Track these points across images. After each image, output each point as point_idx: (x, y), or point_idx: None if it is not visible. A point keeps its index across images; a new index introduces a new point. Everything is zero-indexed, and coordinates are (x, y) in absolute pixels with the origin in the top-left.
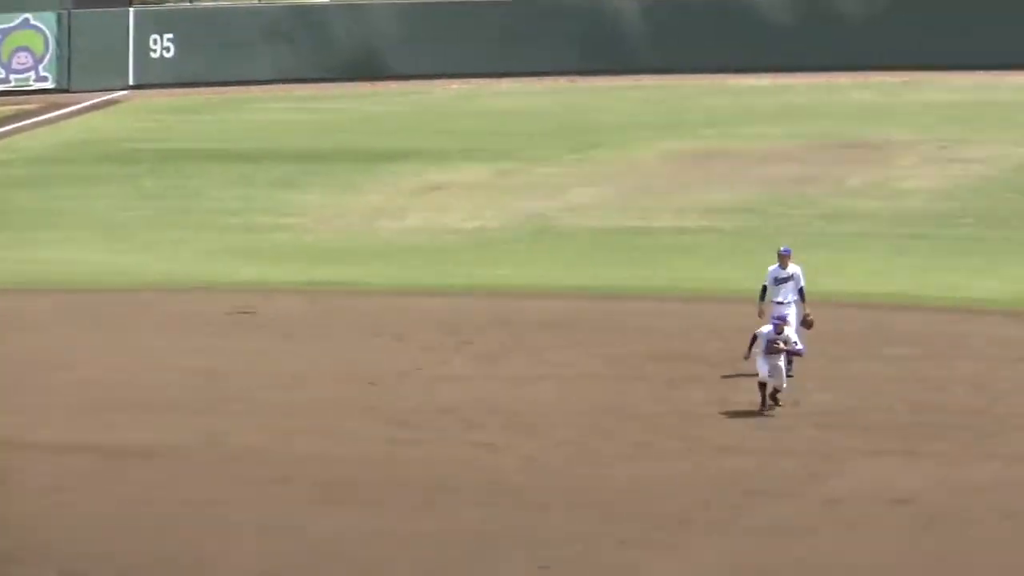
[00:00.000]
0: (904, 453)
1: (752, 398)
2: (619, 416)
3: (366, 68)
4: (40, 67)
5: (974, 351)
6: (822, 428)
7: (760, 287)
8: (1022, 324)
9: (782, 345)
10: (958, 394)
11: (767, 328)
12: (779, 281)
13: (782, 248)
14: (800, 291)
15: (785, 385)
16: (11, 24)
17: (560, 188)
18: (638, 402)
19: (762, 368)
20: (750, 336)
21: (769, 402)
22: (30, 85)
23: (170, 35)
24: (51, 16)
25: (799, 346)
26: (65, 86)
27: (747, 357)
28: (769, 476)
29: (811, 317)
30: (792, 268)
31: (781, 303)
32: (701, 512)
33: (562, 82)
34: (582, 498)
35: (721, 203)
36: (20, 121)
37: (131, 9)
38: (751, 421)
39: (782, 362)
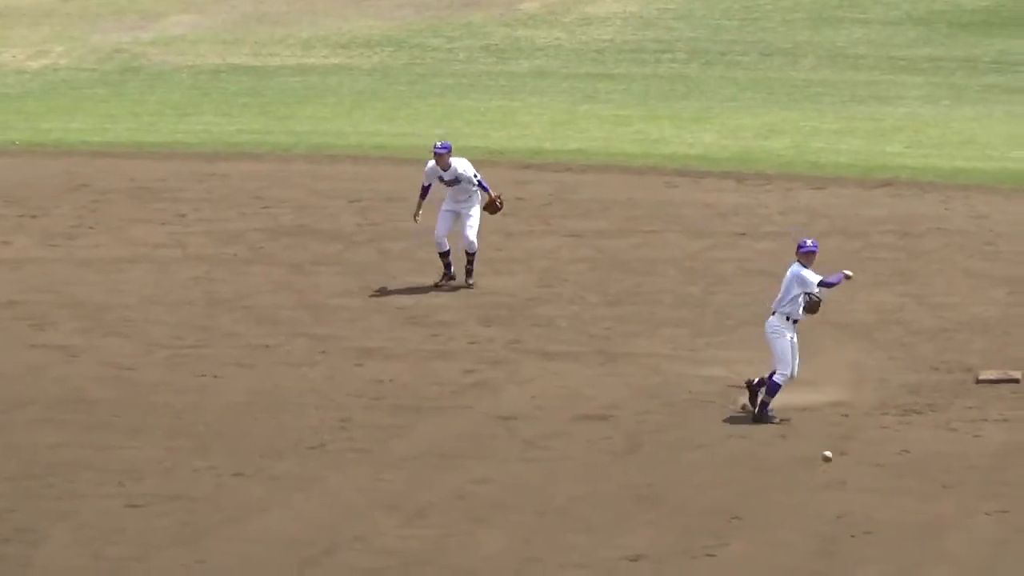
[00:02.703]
0: (595, 355)
1: (410, 279)
2: (234, 312)
3: None
4: None
5: (686, 223)
6: (492, 324)
7: (421, 187)
8: (746, 188)
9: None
10: (667, 279)
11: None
12: (448, 183)
13: (437, 145)
14: (480, 185)
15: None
16: None
17: (151, 15)
18: (257, 292)
19: (441, 228)
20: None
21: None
22: None
23: None
24: None
25: (475, 246)
26: None
27: (417, 216)
28: (425, 385)
29: (498, 198)
30: (456, 165)
31: (454, 211)
32: (336, 435)
33: None
34: (179, 421)
35: (359, 34)
36: None
37: None
38: (401, 315)
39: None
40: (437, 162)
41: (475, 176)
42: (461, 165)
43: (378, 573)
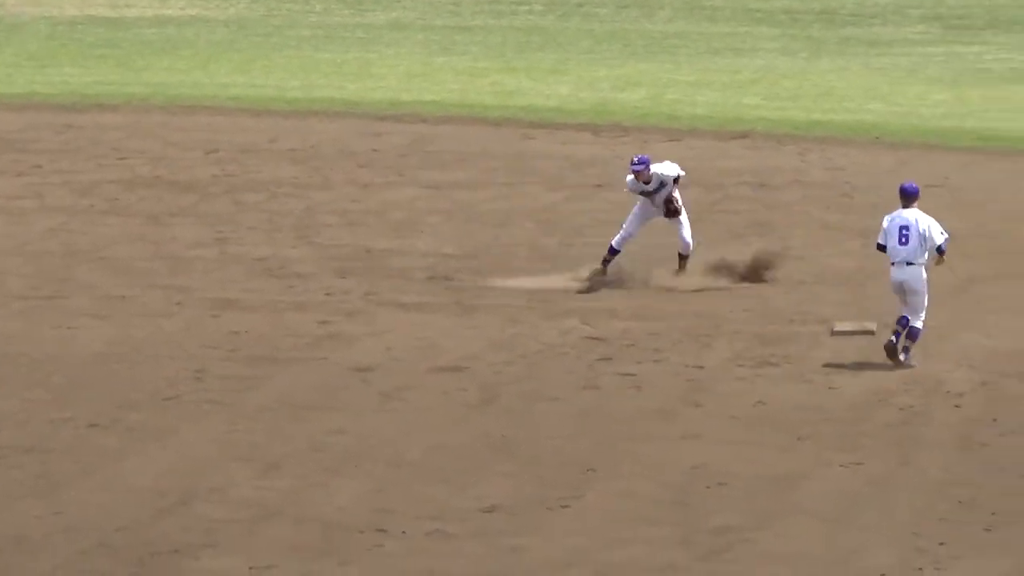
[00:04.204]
0: (451, 307)
1: (266, 231)
2: (91, 263)
3: None
4: None
5: (542, 175)
6: (348, 275)
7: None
8: (602, 140)
9: None
10: (523, 231)
11: None
12: (653, 193)
13: (634, 161)
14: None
15: None
16: None
17: None
18: (114, 244)
19: (632, 226)
20: None
21: None
22: None
23: None
24: None
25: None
26: None
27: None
28: (280, 337)
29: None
30: (657, 170)
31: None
32: (191, 386)
33: None
34: (35, 372)
35: None
36: None
37: None
38: (257, 266)
39: None
40: (636, 178)
41: (677, 175)
42: (662, 168)
43: (233, 524)
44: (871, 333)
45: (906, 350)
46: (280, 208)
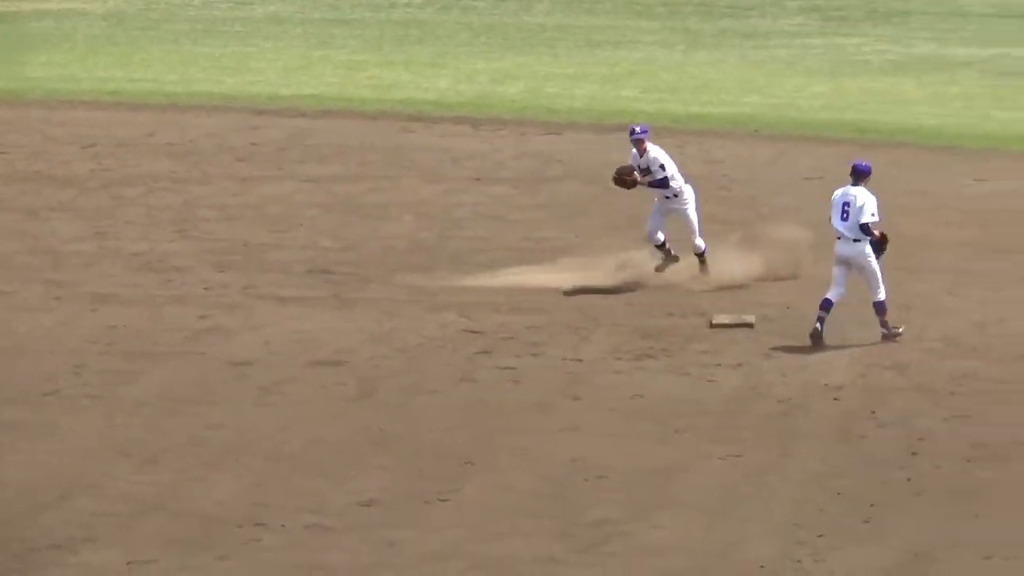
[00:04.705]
0: (330, 300)
1: (145, 225)
2: None
3: None
4: None
5: (421, 168)
6: (226, 269)
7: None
8: (481, 133)
9: None
10: (402, 224)
11: None
12: (641, 172)
13: (636, 129)
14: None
15: None
16: None
17: None
18: None
19: (652, 224)
20: None
21: None
22: None
23: None
24: None
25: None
26: None
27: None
28: (159, 331)
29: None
30: (652, 152)
31: (661, 211)
32: (70, 381)
33: None
34: None
35: None
36: None
37: None
38: (135, 260)
39: None
40: (635, 147)
41: (662, 167)
42: (655, 152)
43: (112, 518)
44: (750, 326)
45: (884, 324)
46: (158, 202)
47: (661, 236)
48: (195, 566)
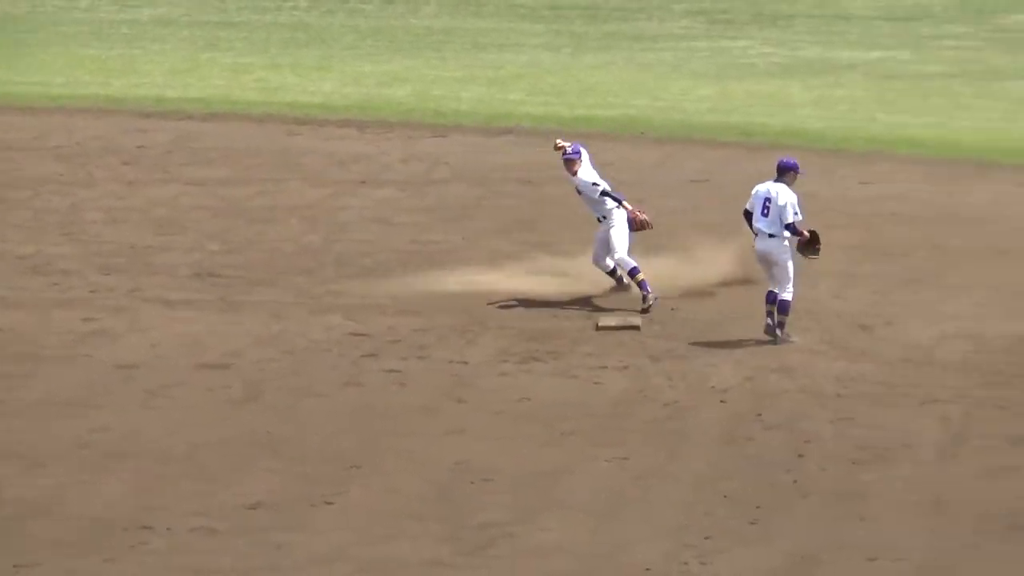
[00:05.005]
0: (216, 303)
1: (30, 228)
2: None
3: None
4: None
5: (307, 172)
6: (112, 272)
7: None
8: (368, 136)
9: None
10: (288, 227)
11: None
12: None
13: (568, 150)
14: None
15: None
16: None
17: None
18: None
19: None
20: None
21: None
22: None
23: None
24: None
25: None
26: None
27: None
28: (45, 334)
29: (638, 214)
30: (582, 173)
31: (600, 237)
32: None
33: None
34: None
35: None
36: None
37: None
38: (21, 264)
39: None
40: (566, 167)
41: (597, 185)
42: (584, 174)
43: None
44: (636, 328)
45: (781, 325)
46: (45, 206)
47: (610, 263)
48: (82, 569)
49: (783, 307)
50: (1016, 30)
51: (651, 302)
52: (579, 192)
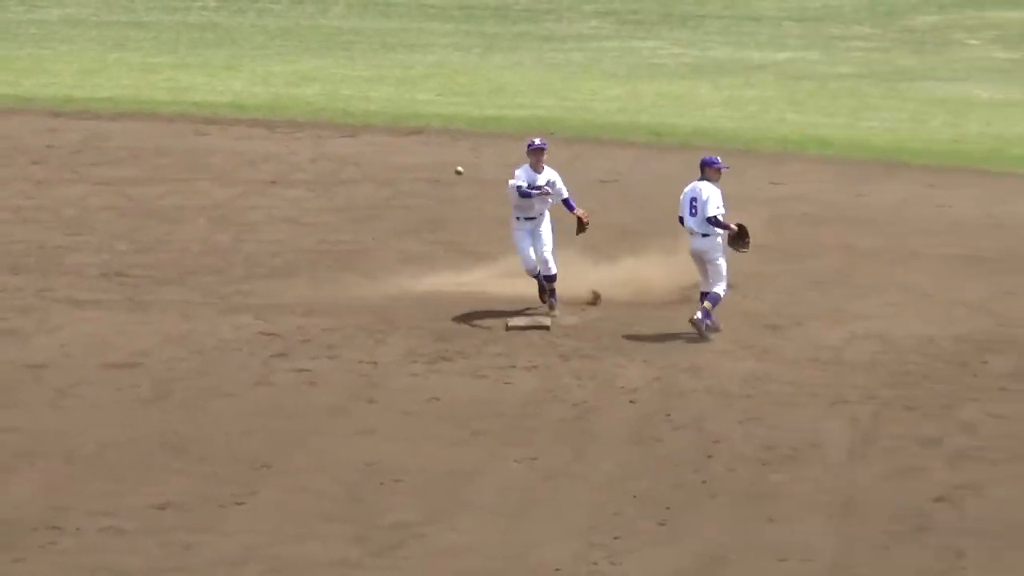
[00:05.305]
0: (125, 303)
1: None
2: None
3: None
4: None
5: (216, 171)
6: (20, 272)
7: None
8: (277, 136)
9: None
10: (197, 227)
11: None
12: (533, 193)
13: (536, 141)
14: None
15: None
16: None
17: None
18: None
19: (526, 253)
20: None
21: None
22: None
23: None
24: None
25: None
26: None
27: None
28: None
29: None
30: (548, 172)
31: (530, 231)
32: None
33: None
34: None
35: None
36: None
37: None
38: None
39: None
40: (532, 164)
41: (552, 184)
42: (553, 174)
43: None
44: (546, 328)
45: (706, 314)
46: None
47: (536, 267)
48: None
49: (713, 298)
50: (923, 31)
51: (556, 314)
52: (532, 188)
